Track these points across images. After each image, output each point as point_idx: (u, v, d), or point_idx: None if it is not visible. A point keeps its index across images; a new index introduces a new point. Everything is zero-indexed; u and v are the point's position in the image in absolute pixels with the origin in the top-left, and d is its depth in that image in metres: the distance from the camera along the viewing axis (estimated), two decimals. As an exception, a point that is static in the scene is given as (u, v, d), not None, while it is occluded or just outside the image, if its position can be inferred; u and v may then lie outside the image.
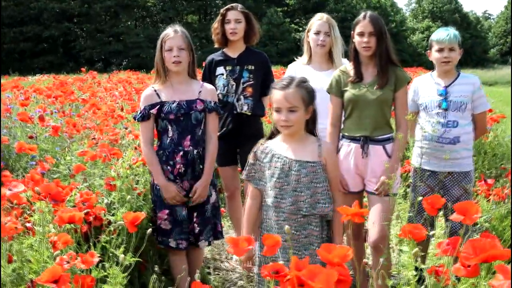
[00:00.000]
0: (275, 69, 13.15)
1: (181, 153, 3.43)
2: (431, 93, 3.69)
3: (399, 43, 52.72)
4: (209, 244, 3.68)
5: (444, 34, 3.64)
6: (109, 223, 3.16)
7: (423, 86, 3.75)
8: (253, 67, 4.27)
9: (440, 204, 2.35)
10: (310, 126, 2.90)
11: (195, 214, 3.51)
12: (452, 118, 3.61)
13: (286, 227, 2.29)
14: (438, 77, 3.74)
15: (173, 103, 3.43)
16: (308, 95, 2.82)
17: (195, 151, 3.46)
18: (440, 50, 3.64)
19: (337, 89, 3.48)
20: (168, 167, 3.44)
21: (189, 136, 3.45)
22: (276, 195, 2.80)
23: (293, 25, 48.39)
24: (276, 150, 2.87)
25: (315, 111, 2.90)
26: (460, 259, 1.82)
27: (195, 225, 3.51)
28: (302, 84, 2.81)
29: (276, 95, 2.78)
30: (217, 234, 3.63)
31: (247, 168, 2.96)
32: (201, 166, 3.49)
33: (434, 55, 3.69)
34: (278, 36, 48.59)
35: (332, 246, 1.87)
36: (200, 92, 3.52)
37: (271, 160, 2.86)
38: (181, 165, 3.43)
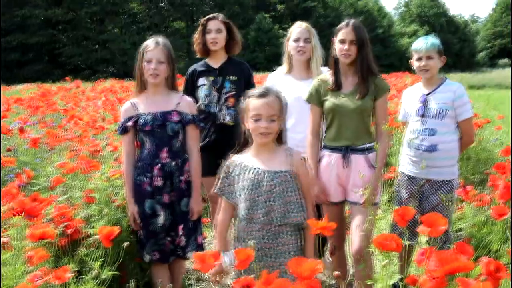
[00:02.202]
0: (263, 75, 13.16)
1: (159, 165, 3.42)
2: (414, 101, 3.73)
3: (387, 47, 53.10)
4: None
5: (422, 43, 3.67)
6: (88, 236, 3.13)
7: (410, 95, 3.81)
8: (235, 77, 4.27)
9: (411, 216, 2.35)
10: (280, 137, 2.90)
11: (181, 227, 3.49)
12: (430, 126, 3.62)
13: (251, 242, 2.28)
14: (423, 86, 3.76)
15: (148, 115, 3.42)
16: (284, 107, 2.83)
17: (173, 163, 3.45)
18: (419, 59, 3.66)
19: (317, 98, 3.47)
20: (146, 179, 3.43)
21: (166, 148, 3.44)
22: (248, 207, 2.80)
23: (281, 30, 48.50)
24: (247, 162, 2.86)
25: (284, 123, 2.92)
26: (427, 271, 1.82)
27: (182, 237, 3.50)
28: (278, 94, 2.83)
29: (256, 103, 2.76)
30: (197, 248, 3.59)
31: (218, 182, 2.95)
32: (180, 178, 3.48)
33: (414, 64, 3.72)
34: (266, 42, 48.70)
35: (303, 259, 1.86)
36: (178, 103, 3.51)
37: (241, 172, 2.85)
38: (159, 178, 3.42)
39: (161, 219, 3.43)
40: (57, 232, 2.92)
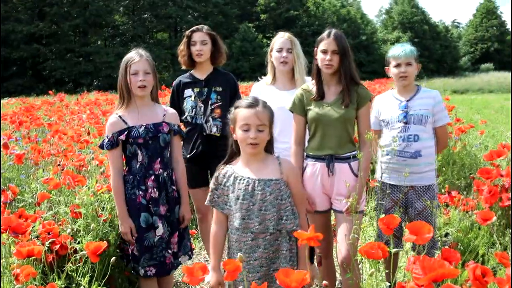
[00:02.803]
0: (247, 85, 13.20)
1: (153, 177, 3.43)
2: (392, 108, 3.73)
3: (370, 54, 53.46)
4: (190, 258, 3.68)
5: (400, 49, 3.69)
6: (75, 251, 3.11)
7: (385, 103, 3.79)
8: (221, 89, 4.27)
9: (396, 224, 2.37)
10: (269, 147, 2.92)
11: (176, 235, 3.53)
12: (413, 132, 3.64)
13: (239, 255, 2.27)
14: (398, 93, 3.78)
15: (141, 127, 3.42)
16: (272, 117, 2.86)
17: (165, 173, 3.48)
18: (398, 66, 3.68)
19: (300, 108, 3.48)
20: (140, 192, 3.41)
21: (158, 159, 3.45)
22: (243, 216, 2.80)
23: (265, 40, 48.69)
24: (238, 172, 2.87)
25: (272, 133, 2.93)
26: (413, 278, 1.83)
27: (176, 245, 3.52)
28: (266, 104, 2.85)
29: (244, 113, 2.78)
30: (190, 252, 3.68)
31: (209, 194, 2.96)
32: (173, 188, 3.51)
33: (392, 71, 3.73)
34: (251, 51, 48.85)
35: (290, 270, 1.87)
36: (164, 115, 3.54)
37: (233, 182, 2.85)
38: (154, 189, 3.42)
39: (159, 231, 3.42)
40: (44, 248, 2.89)
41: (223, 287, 2.93)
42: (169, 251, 3.47)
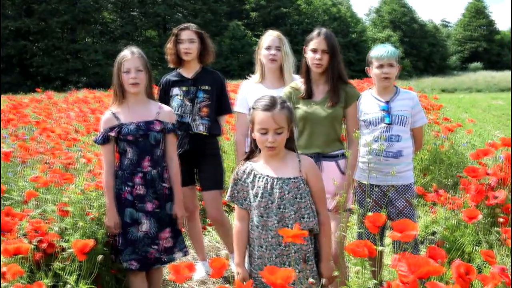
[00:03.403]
0: (236, 83, 13.17)
1: (140, 174, 3.47)
2: (373, 109, 3.72)
3: (360, 53, 53.46)
4: (185, 254, 3.72)
5: (383, 50, 3.69)
6: (63, 249, 3.11)
7: (365, 103, 3.75)
8: (208, 87, 4.27)
9: (382, 222, 2.39)
10: (290, 144, 2.90)
11: (168, 230, 3.55)
12: (395, 132, 3.66)
13: (225, 252, 2.28)
14: (377, 94, 3.77)
15: (131, 125, 3.46)
16: (291, 115, 2.83)
17: (154, 171, 3.50)
18: (380, 66, 3.68)
19: None
20: (127, 188, 3.46)
21: (148, 157, 3.49)
22: (261, 214, 2.80)
23: (254, 38, 48.62)
24: (258, 169, 2.87)
25: (293, 129, 2.90)
26: (399, 276, 1.84)
27: (169, 239, 3.55)
28: (285, 104, 2.81)
29: (261, 116, 2.74)
30: (184, 250, 3.71)
31: (229, 189, 2.95)
32: (163, 185, 3.53)
33: (374, 72, 3.73)
34: (240, 49, 48.77)
35: (275, 268, 1.87)
36: (158, 113, 3.57)
37: (253, 179, 2.85)
38: (140, 186, 3.45)
39: (144, 227, 3.46)
40: (31, 246, 2.89)
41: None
42: (154, 247, 3.50)
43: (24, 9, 44.83)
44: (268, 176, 2.82)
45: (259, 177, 2.84)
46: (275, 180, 2.80)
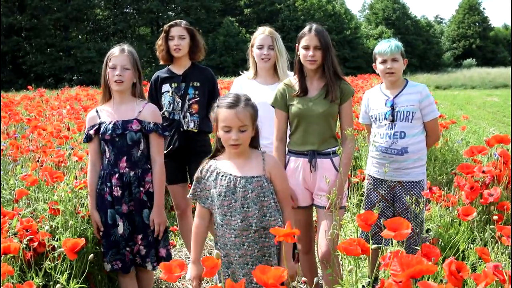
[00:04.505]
0: (230, 80, 13.17)
1: (117, 175, 3.39)
2: (379, 105, 3.73)
3: (354, 50, 53.58)
4: (154, 269, 3.53)
5: (386, 45, 3.68)
6: (54, 248, 3.07)
7: (373, 99, 3.79)
8: (198, 84, 4.23)
9: (374, 220, 2.36)
10: (254, 142, 2.88)
11: (139, 237, 3.44)
12: (399, 129, 3.64)
13: (216, 252, 2.25)
14: (386, 89, 3.77)
15: (109, 124, 3.39)
16: (255, 113, 2.81)
17: (131, 173, 3.40)
18: (384, 62, 3.68)
19: (282, 103, 3.46)
20: (106, 189, 3.40)
21: (124, 158, 3.39)
22: (225, 213, 2.78)
23: (248, 35, 48.56)
24: (221, 168, 2.84)
25: (258, 128, 2.88)
26: (391, 275, 1.82)
27: (141, 247, 3.46)
28: (249, 102, 2.79)
29: (225, 114, 2.73)
30: (160, 259, 3.50)
31: (192, 187, 2.93)
32: (140, 189, 3.42)
33: (378, 67, 3.73)
34: (234, 46, 48.73)
35: (267, 267, 1.85)
36: (140, 112, 3.45)
37: (216, 178, 2.83)
38: (117, 188, 3.38)
39: (120, 229, 3.40)
40: (22, 246, 2.85)
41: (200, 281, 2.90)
42: (127, 249, 3.42)
43: (17, 5, 44.62)
44: (231, 174, 2.79)
45: (222, 176, 2.81)
46: (238, 178, 2.78)
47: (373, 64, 3.82)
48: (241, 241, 2.77)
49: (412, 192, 3.64)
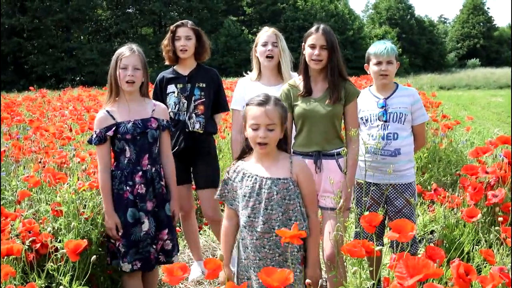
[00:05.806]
0: (233, 80, 13.16)
1: (140, 172, 3.42)
2: (370, 106, 3.71)
3: (358, 50, 53.45)
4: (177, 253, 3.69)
5: (382, 47, 3.66)
6: (56, 250, 3.06)
7: (363, 101, 3.73)
8: (204, 85, 4.22)
9: (378, 222, 2.34)
10: (283, 145, 2.85)
11: (165, 231, 3.50)
12: (392, 130, 3.63)
13: (219, 253, 2.21)
14: (376, 91, 3.75)
15: (129, 123, 3.40)
16: (284, 114, 2.78)
17: (153, 169, 3.47)
18: (378, 63, 3.65)
19: (287, 104, 3.44)
20: (128, 188, 3.40)
21: (146, 155, 3.44)
22: (249, 214, 2.75)
23: (250, 35, 48.54)
24: (248, 169, 2.82)
25: (287, 130, 2.85)
26: (396, 277, 1.80)
27: (167, 241, 3.51)
28: (278, 102, 2.77)
29: (254, 111, 2.71)
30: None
31: (220, 188, 2.92)
32: (161, 183, 3.50)
33: (372, 69, 3.70)
34: (236, 47, 48.74)
35: (273, 269, 1.83)
36: (153, 110, 3.53)
37: (242, 179, 2.81)
38: (141, 185, 3.41)
39: (145, 226, 3.40)
40: (24, 247, 2.85)
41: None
42: (154, 247, 3.44)
43: (18, 6, 44.67)
44: (257, 175, 2.77)
45: (248, 177, 2.78)
46: (264, 179, 2.74)
47: (365, 65, 3.79)
48: (262, 244, 2.73)
49: (404, 194, 3.62)
